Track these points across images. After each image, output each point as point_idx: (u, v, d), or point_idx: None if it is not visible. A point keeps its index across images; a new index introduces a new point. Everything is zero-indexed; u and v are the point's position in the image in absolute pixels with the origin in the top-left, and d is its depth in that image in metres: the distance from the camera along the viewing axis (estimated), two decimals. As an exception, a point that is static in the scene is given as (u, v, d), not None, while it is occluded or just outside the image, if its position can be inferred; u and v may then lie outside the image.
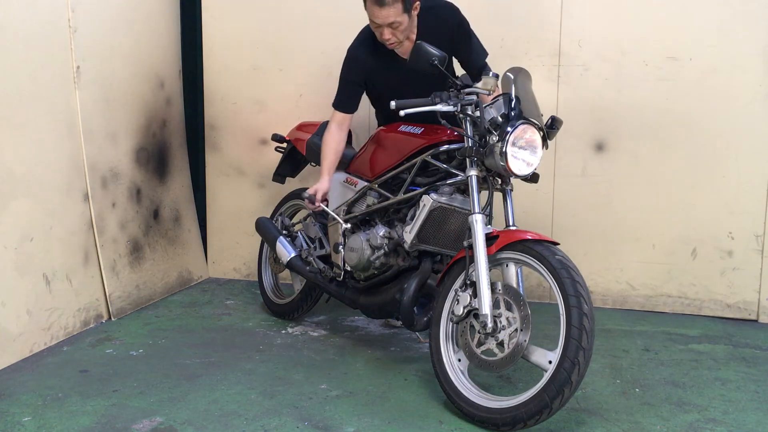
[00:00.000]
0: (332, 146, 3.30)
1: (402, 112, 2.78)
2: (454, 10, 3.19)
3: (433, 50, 2.75)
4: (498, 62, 3.46)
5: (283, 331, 3.61)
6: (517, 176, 2.69)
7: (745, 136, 3.76)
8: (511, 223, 2.77)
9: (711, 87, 3.77)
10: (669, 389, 2.97)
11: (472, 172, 2.71)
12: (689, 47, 3.78)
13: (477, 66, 3.20)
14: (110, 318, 3.70)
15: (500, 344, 2.59)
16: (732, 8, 3.71)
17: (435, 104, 2.76)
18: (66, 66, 3.43)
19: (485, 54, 3.27)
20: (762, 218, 3.78)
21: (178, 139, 4.38)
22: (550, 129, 2.77)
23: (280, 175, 3.94)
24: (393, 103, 2.79)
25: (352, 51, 3.25)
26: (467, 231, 2.70)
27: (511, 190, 2.81)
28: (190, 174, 4.55)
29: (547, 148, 2.75)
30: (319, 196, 3.28)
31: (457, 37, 3.19)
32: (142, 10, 4.00)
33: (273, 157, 4.04)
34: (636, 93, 3.86)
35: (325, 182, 3.30)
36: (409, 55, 2.82)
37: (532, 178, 2.75)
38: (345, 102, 3.30)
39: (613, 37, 3.86)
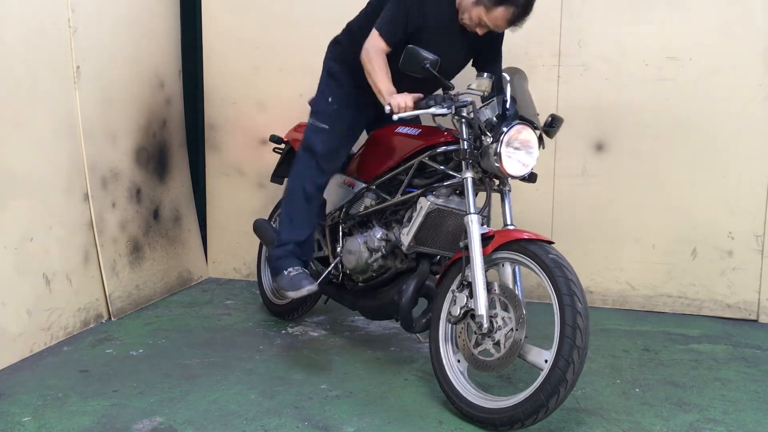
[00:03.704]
0: (382, 69, 2.93)
1: (395, 116, 2.77)
2: None
3: (425, 54, 2.73)
4: (498, 62, 3.45)
5: (283, 331, 3.61)
6: (512, 177, 2.68)
7: (745, 136, 3.76)
8: (509, 223, 2.76)
9: (711, 87, 3.77)
10: (669, 389, 2.97)
11: (468, 174, 2.71)
12: (689, 47, 3.78)
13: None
14: (110, 318, 3.70)
15: (497, 344, 2.59)
16: (732, 8, 3.72)
17: (429, 107, 2.74)
18: (66, 66, 3.43)
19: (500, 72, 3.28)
20: (762, 218, 3.78)
21: (178, 139, 4.38)
22: (550, 127, 2.77)
23: (278, 176, 3.93)
24: (387, 108, 2.79)
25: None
26: (464, 232, 2.70)
27: (509, 190, 2.80)
28: (190, 174, 4.55)
29: (543, 148, 2.74)
30: (410, 105, 2.79)
31: (492, 40, 3.17)
32: (143, 10, 4.00)
33: (273, 157, 4.04)
34: (636, 93, 3.86)
35: (399, 94, 2.86)
36: (401, 60, 2.80)
37: (530, 177, 2.74)
38: (392, 31, 2.95)
39: (613, 37, 3.86)
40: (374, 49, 2.96)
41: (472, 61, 3.29)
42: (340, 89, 3.23)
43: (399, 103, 2.77)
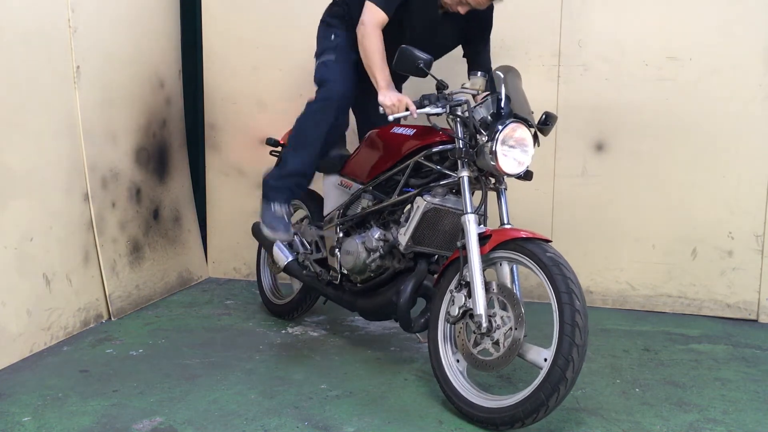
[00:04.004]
0: (381, 50, 2.96)
1: (390, 117, 2.78)
2: (491, 6, 3.19)
3: (419, 53, 2.74)
4: (498, 62, 3.45)
5: (283, 331, 3.61)
6: (509, 175, 2.69)
7: (745, 136, 3.76)
8: (505, 222, 2.76)
9: (711, 87, 3.77)
10: (669, 389, 2.97)
11: (464, 173, 2.71)
12: (689, 47, 3.78)
13: (482, 69, 3.18)
14: (110, 318, 3.70)
15: (496, 343, 2.59)
16: (732, 8, 3.72)
17: (424, 107, 2.75)
18: (66, 66, 3.43)
19: (490, 65, 3.29)
20: (762, 218, 3.78)
21: (178, 139, 4.39)
22: (544, 125, 2.77)
23: None
24: (381, 109, 2.81)
25: None
26: (461, 231, 2.70)
27: (506, 189, 2.80)
28: (190, 174, 4.55)
29: (538, 146, 2.74)
30: (402, 105, 2.81)
31: (479, 30, 3.20)
32: (143, 10, 4.00)
33: (273, 158, 4.04)
34: (636, 93, 3.86)
35: (394, 93, 2.89)
36: (394, 60, 2.81)
37: (526, 176, 2.74)
38: (390, 3, 3.00)
39: (613, 37, 3.87)
40: (371, 23, 2.98)
41: (463, 52, 3.31)
42: (340, 31, 3.29)
43: (393, 104, 2.79)
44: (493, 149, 2.61)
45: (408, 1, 3.02)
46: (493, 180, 2.80)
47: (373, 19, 2.99)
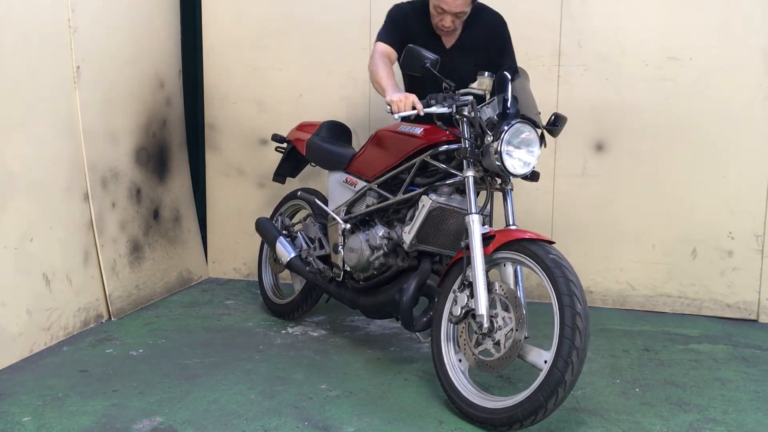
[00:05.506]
0: (384, 66, 3.05)
1: (396, 116, 2.78)
2: (503, 21, 3.29)
3: (425, 53, 2.76)
4: (498, 62, 3.45)
5: (283, 331, 3.61)
6: (514, 175, 2.69)
7: (745, 136, 3.76)
8: (511, 223, 2.77)
9: (711, 87, 3.77)
10: (669, 389, 2.97)
11: (469, 173, 2.72)
12: (689, 47, 3.78)
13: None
14: (110, 318, 3.70)
15: (497, 344, 2.60)
16: (732, 8, 3.72)
17: (430, 106, 2.76)
18: (66, 66, 3.43)
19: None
20: (762, 218, 3.78)
21: (178, 139, 4.38)
22: (553, 126, 2.78)
23: (280, 176, 3.94)
24: (387, 108, 2.82)
25: (400, 8, 3.23)
26: (465, 231, 2.70)
27: (512, 189, 2.81)
28: (190, 174, 4.55)
29: (545, 147, 2.74)
30: (409, 103, 2.80)
31: (497, 46, 3.26)
32: (143, 10, 4.00)
33: (273, 157, 4.05)
34: (636, 93, 3.86)
35: (400, 92, 2.91)
36: (402, 58, 2.82)
37: (533, 176, 2.75)
38: (389, 33, 3.17)
39: (613, 37, 3.87)
40: (377, 53, 3.12)
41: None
42: None
43: (399, 103, 2.78)
44: (498, 149, 2.61)
45: (410, 29, 3.16)
46: (499, 180, 2.80)
47: (377, 50, 3.13)
